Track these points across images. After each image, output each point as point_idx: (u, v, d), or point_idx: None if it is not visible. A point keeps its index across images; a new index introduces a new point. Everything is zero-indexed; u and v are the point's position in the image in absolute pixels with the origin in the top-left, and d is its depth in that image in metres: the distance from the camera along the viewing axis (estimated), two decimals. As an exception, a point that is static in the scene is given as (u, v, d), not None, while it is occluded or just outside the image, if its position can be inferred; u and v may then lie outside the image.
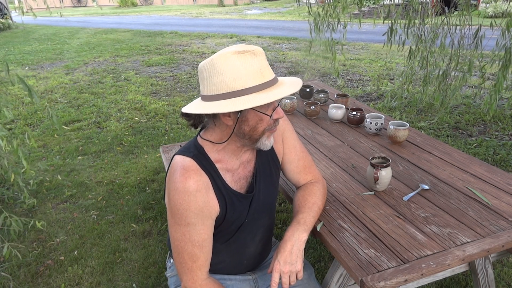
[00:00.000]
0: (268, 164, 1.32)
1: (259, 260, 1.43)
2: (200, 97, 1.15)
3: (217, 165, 1.19)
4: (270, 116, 1.13)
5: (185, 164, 1.13)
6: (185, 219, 1.11)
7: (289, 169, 1.40)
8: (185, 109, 1.13)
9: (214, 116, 1.14)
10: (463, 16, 3.52)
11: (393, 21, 3.33)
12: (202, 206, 1.13)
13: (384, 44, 3.47)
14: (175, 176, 1.12)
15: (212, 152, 1.19)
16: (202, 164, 1.15)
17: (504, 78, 3.19)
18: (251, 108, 1.08)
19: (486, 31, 3.48)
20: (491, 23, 3.39)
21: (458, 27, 3.62)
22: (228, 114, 1.10)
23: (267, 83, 1.07)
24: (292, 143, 1.38)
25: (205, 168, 1.15)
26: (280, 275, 1.19)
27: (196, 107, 1.11)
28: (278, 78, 1.14)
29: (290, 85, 1.10)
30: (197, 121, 1.21)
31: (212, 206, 1.16)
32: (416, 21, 3.59)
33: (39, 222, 2.15)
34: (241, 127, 1.12)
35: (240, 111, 1.08)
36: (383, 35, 3.50)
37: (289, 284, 1.21)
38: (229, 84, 1.04)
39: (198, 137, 1.22)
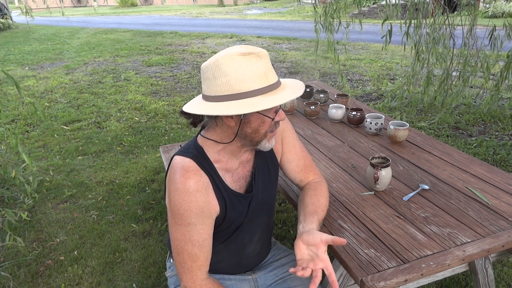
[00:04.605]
0: (266, 164, 1.32)
1: (259, 259, 1.43)
2: (201, 96, 1.14)
3: (216, 165, 1.19)
4: (273, 119, 1.13)
5: (185, 165, 1.13)
6: (185, 219, 1.11)
7: (290, 168, 1.40)
8: (186, 108, 1.13)
9: (216, 117, 1.14)
10: (467, 16, 3.53)
11: (401, 22, 3.33)
12: (203, 206, 1.13)
13: (383, 47, 3.48)
14: (175, 176, 1.12)
15: (212, 153, 1.19)
16: (202, 165, 1.15)
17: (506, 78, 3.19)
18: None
19: (486, 31, 3.49)
20: (504, 24, 3.40)
21: (460, 27, 3.62)
22: (231, 116, 1.09)
23: (271, 86, 1.07)
24: (291, 143, 1.38)
25: (204, 168, 1.15)
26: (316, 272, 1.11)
27: (198, 106, 1.10)
28: (280, 80, 1.14)
29: (293, 89, 1.10)
30: (197, 120, 1.21)
31: (212, 206, 1.16)
32: (420, 21, 3.60)
33: (24, 214, 2.19)
34: (243, 129, 1.12)
35: (243, 113, 1.08)
36: (382, 37, 3.50)
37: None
38: (234, 85, 1.04)
39: (199, 136, 1.22)
